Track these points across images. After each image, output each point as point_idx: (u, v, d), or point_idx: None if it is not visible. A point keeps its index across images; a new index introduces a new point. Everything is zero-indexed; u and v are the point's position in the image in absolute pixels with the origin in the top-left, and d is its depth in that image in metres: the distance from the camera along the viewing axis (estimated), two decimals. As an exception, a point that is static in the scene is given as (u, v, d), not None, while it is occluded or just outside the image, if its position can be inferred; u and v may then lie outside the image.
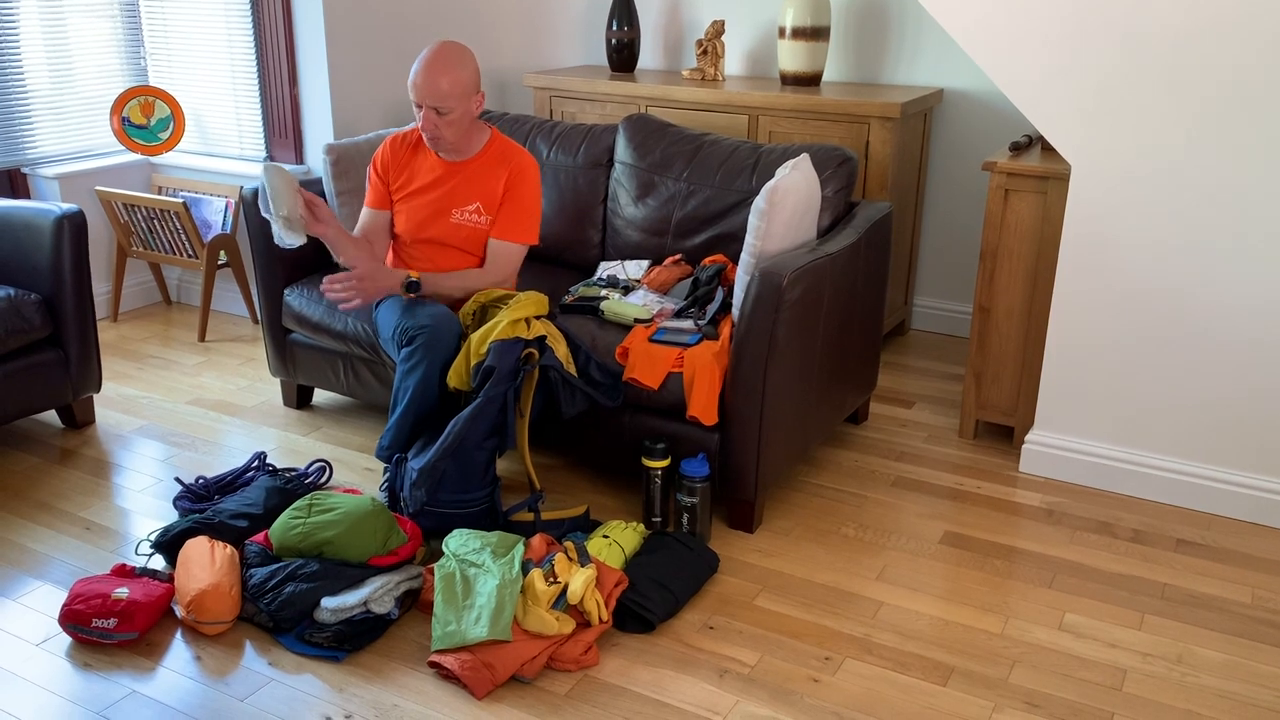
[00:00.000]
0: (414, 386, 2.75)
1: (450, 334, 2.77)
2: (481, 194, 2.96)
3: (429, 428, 2.78)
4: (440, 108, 2.80)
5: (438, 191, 2.96)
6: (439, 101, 2.79)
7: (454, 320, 2.81)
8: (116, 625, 2.32)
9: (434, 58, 2.79)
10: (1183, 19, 2.63)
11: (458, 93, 2.80)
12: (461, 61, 2.82)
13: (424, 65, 2.79)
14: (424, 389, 2.75)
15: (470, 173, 2.97)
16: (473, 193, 2.96)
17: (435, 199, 2.96)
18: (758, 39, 4.29)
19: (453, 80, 2.79)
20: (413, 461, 2.68)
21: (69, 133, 4.30)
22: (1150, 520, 2.88)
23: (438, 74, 2.78)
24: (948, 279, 4.25)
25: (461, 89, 2.81)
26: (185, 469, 3.15)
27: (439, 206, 2.97)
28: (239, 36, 4.17)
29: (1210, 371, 2.84)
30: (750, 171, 3.23)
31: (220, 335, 4.25)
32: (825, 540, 2.78)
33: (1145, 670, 2.28)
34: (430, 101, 2.80)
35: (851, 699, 2.19)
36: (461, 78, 2.81)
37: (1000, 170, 3.06)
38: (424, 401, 2.76)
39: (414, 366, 2.75)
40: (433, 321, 2.76)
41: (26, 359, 3.14)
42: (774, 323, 2.59)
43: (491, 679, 2.19)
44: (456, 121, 2.85)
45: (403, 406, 2.77)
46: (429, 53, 2.80)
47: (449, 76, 2.79)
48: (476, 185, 2.96)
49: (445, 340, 2.75)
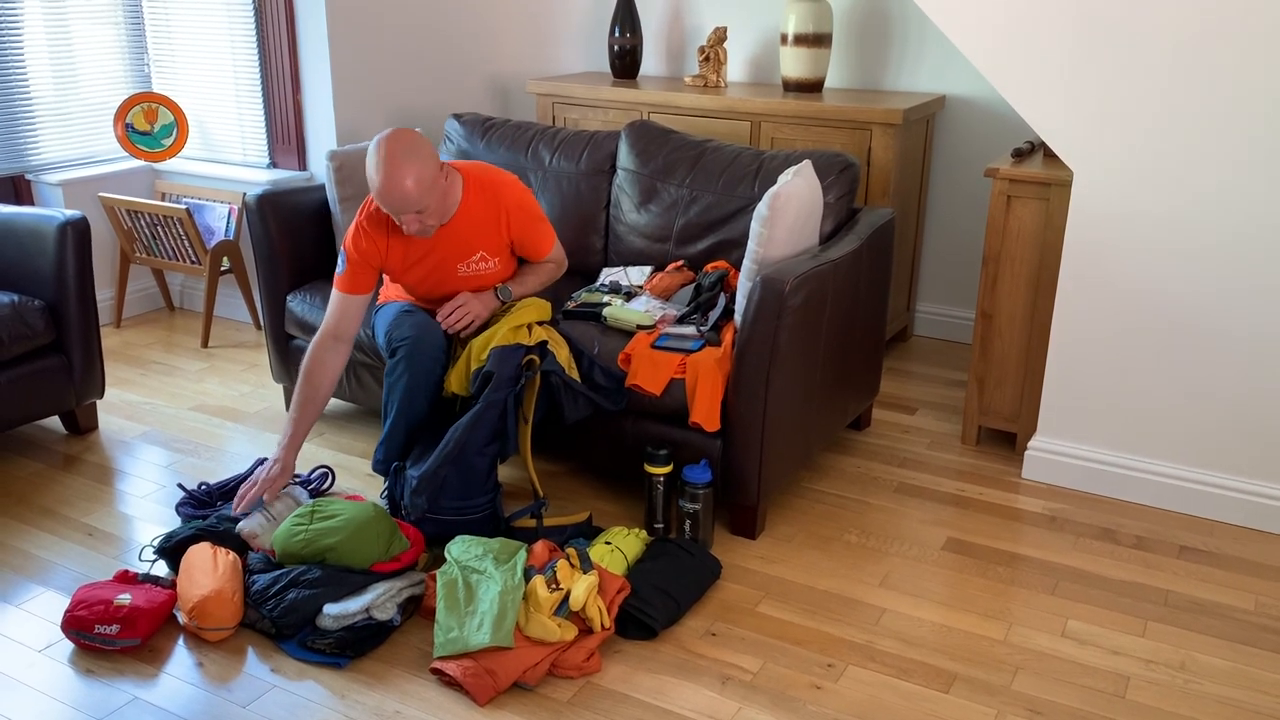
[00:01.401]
0: (399, 399, 2.75)
1: (433, 345, 2.75)
2: (483, 242, 2.84)
3: (422, 437, 2.79)
4: (418, 208, 2.61)
5: (435, 257, 2.83)
6: (414, 205, 2.59)
7: (436, 331, 2.78)
8: (119, 631, 2.32)
9: (389, 164, 2.55)
10: (1184, 25, 2.63)
11: (426, 186, 2.59)
12: (415, 152, 2.58)
13: (384, 178, 2.56)
14: (409, 400, 2.75)
15: (460, 227, 2.80)
16: (473, 244, 2.82)
17: (436, 264, 2.84)
18: (760, 45, 4.30)
19: (416, 177, 2.56)
20: (411, 469, 2.68)
21: (73, 139, 4.31)
22: (1153, 526, 2.88)
23: (401, 180, 2.55)
24: (950, 285, 4.25)
25: (428, 180, 2.59)
26: (188, 475, 3.15)
27: (442, 268, 2.84)
28: (242, 43, 4.18)
29: (1213, 377, 2.83)
30: (752, 178, 3.23)
31: (223, 341, 4.25)
32: (827, 547, 2.78)
33: (1148, 677, 2.28)
34: (406, 209, 2.60)
35: (854, 706, 2.19)
36: (423, 170, 2.58)
37: (1002, 176, 3.07)
38: (411, 413, 2.76)
39: (398, 379, 2.75)
40: (415, 332, 2.74)
41: (30, 365, 3.15)
42: (776, 329, 2.59)
43: (494, 686, 2.19)
44: (436, 207, 2.66)
45: (391, 419, 2.78)
46: (380, 161, 2.57)
47: (411, 176, 2.56)
48: (473, 236, 2.82)
49: (426, 351, 2.74)
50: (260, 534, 2.60)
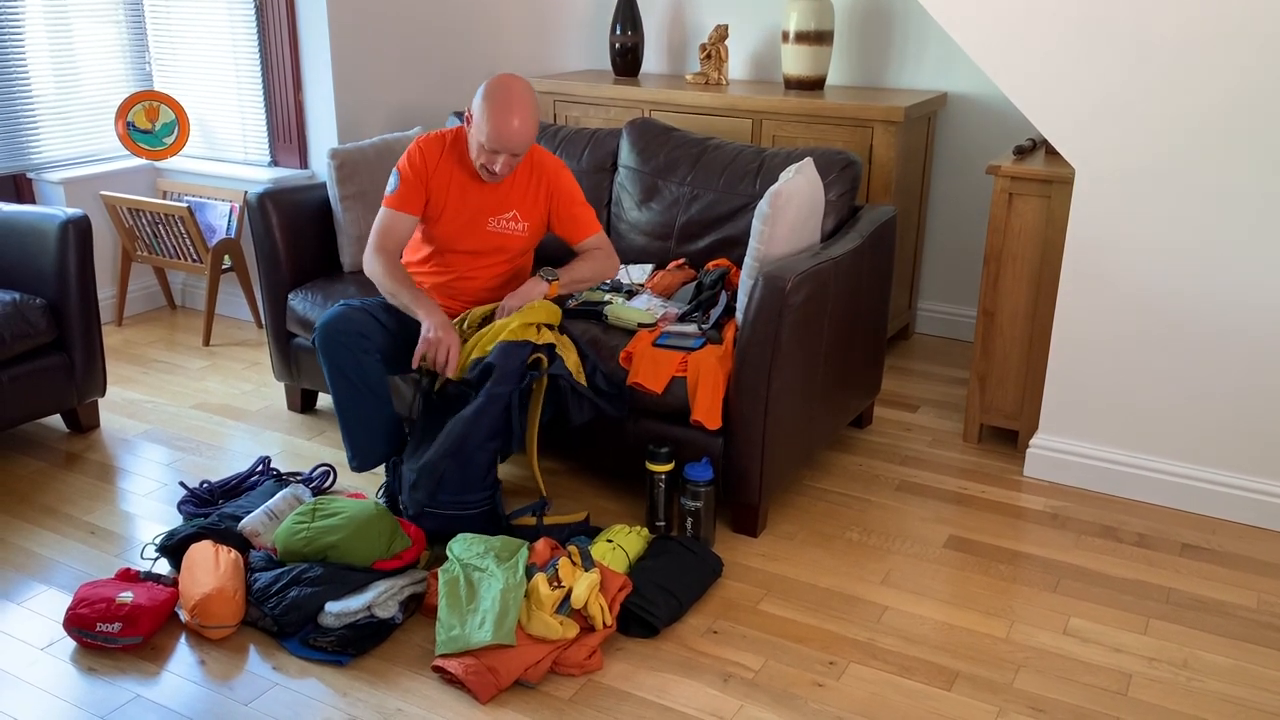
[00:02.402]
0: (333, 392, 2.77)
1: (347, 333, 2.72)
2: (519, 202, 2.91)
3: (376, 424, 2.79)
4: (519, 152, 2.73)
5: (473, 204, 2.88)
6: (524, 148, 2.72)
7: (352, 320, 2.73)
8: (121, 630, 2.32)
9: (520, 105, 2.66)
10: (1187, 23, 2.63)
11: (534, 134, 2.74)
12: (534, 99, 2.73)
13: (515, 117, 2.66)
14: (342, 393, 2.75)
15: (511, 183, 2.90)
16: (509, 200, 2.90)
17: (473, 211, 2.88)
18: (761, 43, 4.29)
19: (535, 123, 2.72)
20: (407, 464, 2.68)
21: (74, 138, 4.31)
22: (1155, 524, 2.88)
23: (527, 123, 2.68)
24: (952, 283, 4.25)
25: (536, 128, 2.74)
26: (189, 473, 3.15)
27: (475, 215, 2.89)
28: (244, 41, 4.18)
29: (1215, 375, 2.83)
30: (754, 176, 3.23)
31: (224, 340, 4.25)
32: (829, 544, 2.78)
33: (1150, 675, 2.28)
34: (518, 149, 2.71)
35: (856, 704, 2.19)
36: (538, 117, 2.74)
37: (1004, 174, 3.06)
38: (351, 403, 2.76)
39: (324, 371, 2.76)
40: (322, 323, 2.74)
41: (31, 363, 3.15)
42: (778, 327, 2.59)
43: (495, 683, 2.19)
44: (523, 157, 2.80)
45: (339, 416, 2.80)
46: (508, 101, 2.66)
47: (534, 121, 2.70)
48: (513, 195, 2.90)
49: (337, 340, 2.72)
50: (262, 532, 2.60)
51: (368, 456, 2.83)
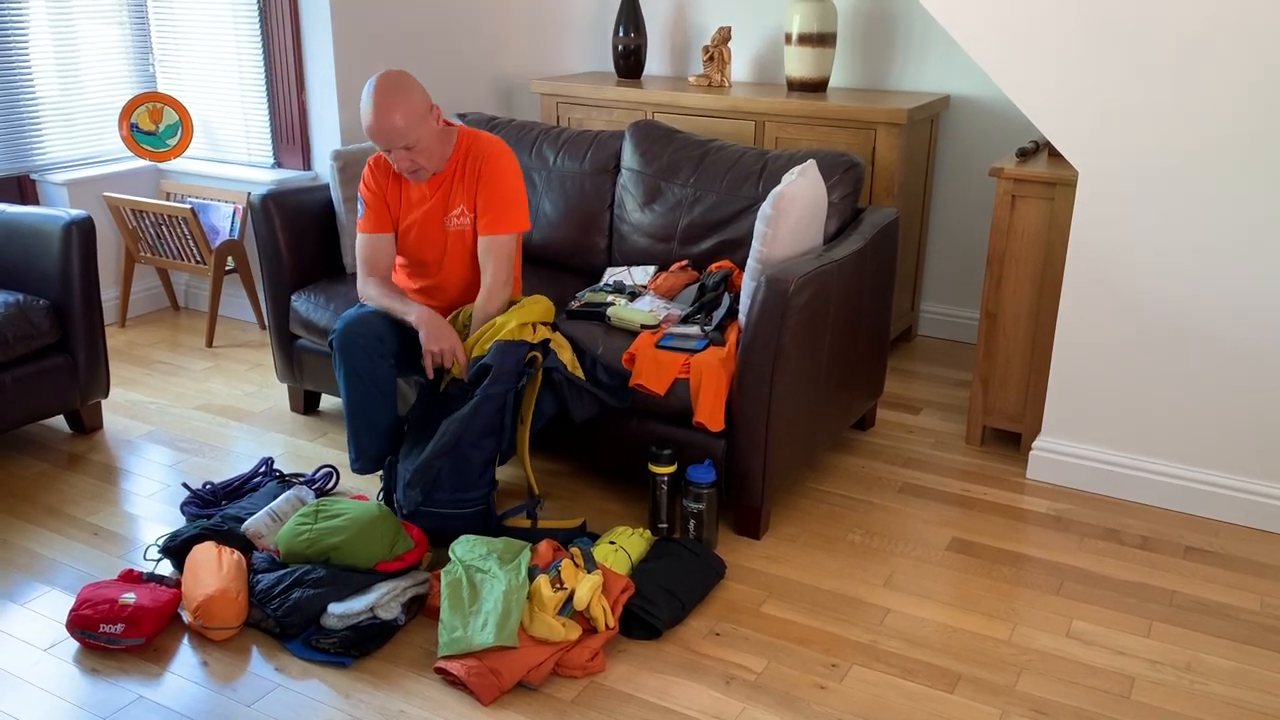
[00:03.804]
0: (344, 397, 2.80)
1: (365, 336, 2.75)
2: (463, 198, 2.92)
3: (382, 428, 2.81)
4: (406, 143, 2.72)
5: (429, 204, 2.91)
6: (402, 139, 2.71)
7: (370, 324, 2.77)
8: (124, 631, 2.33)
9: (378, 99, 2.68)
10: (1190, 25, 2.62)
11: (414, 120, 2.70)
12: (404, 88, 2.70)
13: (372, 111, 2.69)
14: (353, 396, 2.78)
15: (448, 180, 2.91)
16: (454, 198, 2.92)
17: (428, 211, 2.92)
18: (764, 45, 4.29)
19: (405, 112, 2.68)
20: (403, 464, 2.68)
21: (78, 139, 4.31)
22: (1158, 527, 2.88)
23: (389, 113, 2.67)
24: (954, 285, 4.25)
25: (416, 115, 2.71)
26: (192, 474, 3.15)
27: (430, 218, 2.92)
28: (247, 43, 4.18)
29: (1218, 377, 2.83)
30: (757, 177, 3.23)
31: (228, 341, 4.26)
32: (832, 547, 2.78)
33: (1153, 678, 2.28)
34: (394, 143, 2.71)
35: (858, 706, 2.19)
36: (412, 104, 2.70)
37: (1007, 176, 3.06)
38: (364, 409, 2.79)
39: (339, 377, 2.79)
40: (341, 326, 2.77)
41: (35, 364, 3.15)
42: (780, 329, 2.59)
43: (498, 685, 2.19)
44: (427, 146, 2.77)
45: (346, 417, 2.82)
46: (370, 96, 2.70)
47: (400, 110, 2.68)
48: (456, 189, 2.92)
49: (357, 343, 2.75)
50: (265, 533, 2.61)
51: (371, 459, 2.85)
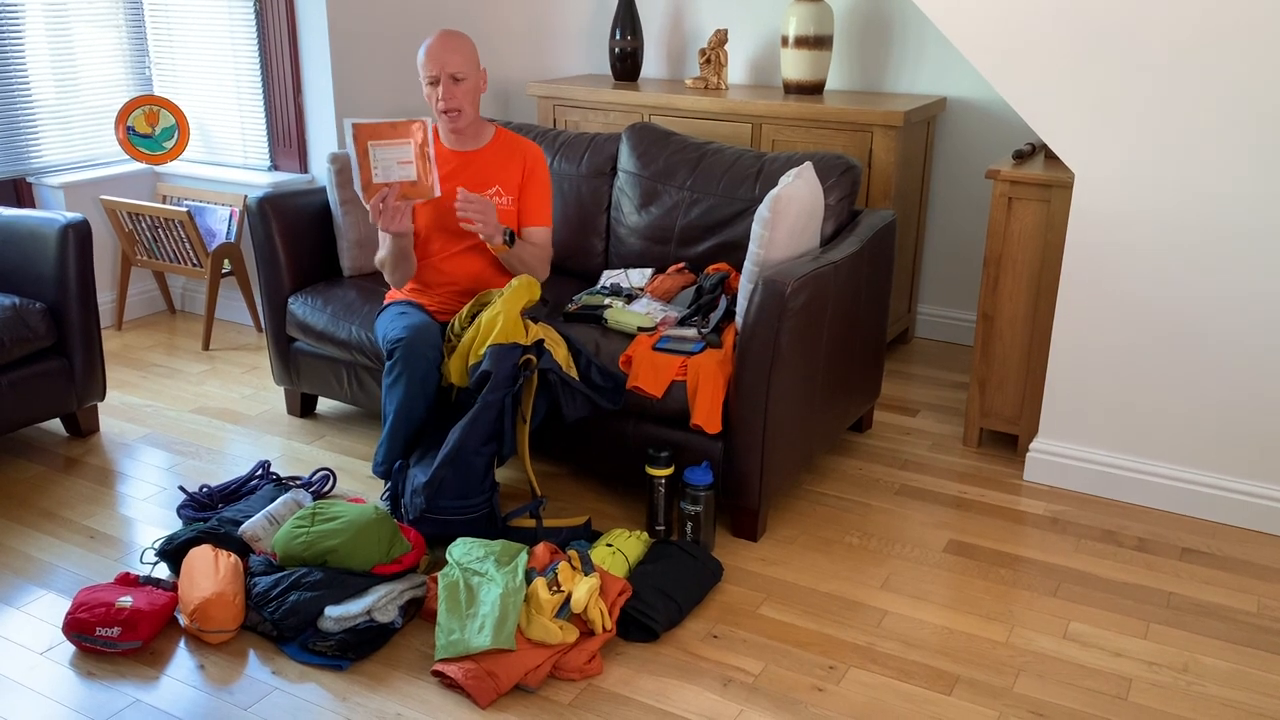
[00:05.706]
0: (397, 401, 2.79)
1: (428, 345, 2.78)
2: (500, 178, 3.00)
3: (423, 438, 2.79)
4: (457, 74, 2.88)
5: (454, 181, 2.94)
6: (456, 68, 2.87)
7: (433, 332, 2.83)
8: (120, 634, 2.32)
9: (445, 33, 2.92)
10: (1185, 29, 2.63)
11: (471, 63, 2.91)
12: (467, 38, 2.94)
13: (438, 37, 2.90)
14: (407, 404, 2.78)
15: (483, 160, 3.01)
16: (489, 178, 2.99)
17: (453, 188, 2.91)
18: (761, 48, 4.30)
19: (466, 52, 2.90)
20: (414, 469, 2.68)
21: (74, 142, 4.31)
22: (1155, 529, 2.88)
23: (453, 43, 2.89)
24: (951, 287, 4.25)
25: (473, 58, 2.92)
26: (189, 477, 3.15)
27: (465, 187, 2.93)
28: (244, 46, 4.18)
29: (1215, 379, 2.83)
30: (753, 180, 3.23)
31: (224, 344, 4.25)
32: (829, 549, 2.78)
33: (1151, 679, 2.28)
34: (448, 69, 2.87)
35: (856, 708, 2.18)
36: (470, 49, 2.93)
37: (1004, 178, 3.07)
38: (409, 417, 2.79)
39: (394, 382, 2.78)
40: (409, 335, 2.78)
41: (31, 367, 3.15)
42: (777, 331, 2.59)
43: (495, 688, 2.19)
44: (471, 91, 2.93)
45: (390, 424, 2.81)
46: (436, 34, 2.92)
47: (463, 48, 2.90)
48: (492, 171, 3.00)
49: (421, 352, 2.77)
50: (262, 536, 2.60)
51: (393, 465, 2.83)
